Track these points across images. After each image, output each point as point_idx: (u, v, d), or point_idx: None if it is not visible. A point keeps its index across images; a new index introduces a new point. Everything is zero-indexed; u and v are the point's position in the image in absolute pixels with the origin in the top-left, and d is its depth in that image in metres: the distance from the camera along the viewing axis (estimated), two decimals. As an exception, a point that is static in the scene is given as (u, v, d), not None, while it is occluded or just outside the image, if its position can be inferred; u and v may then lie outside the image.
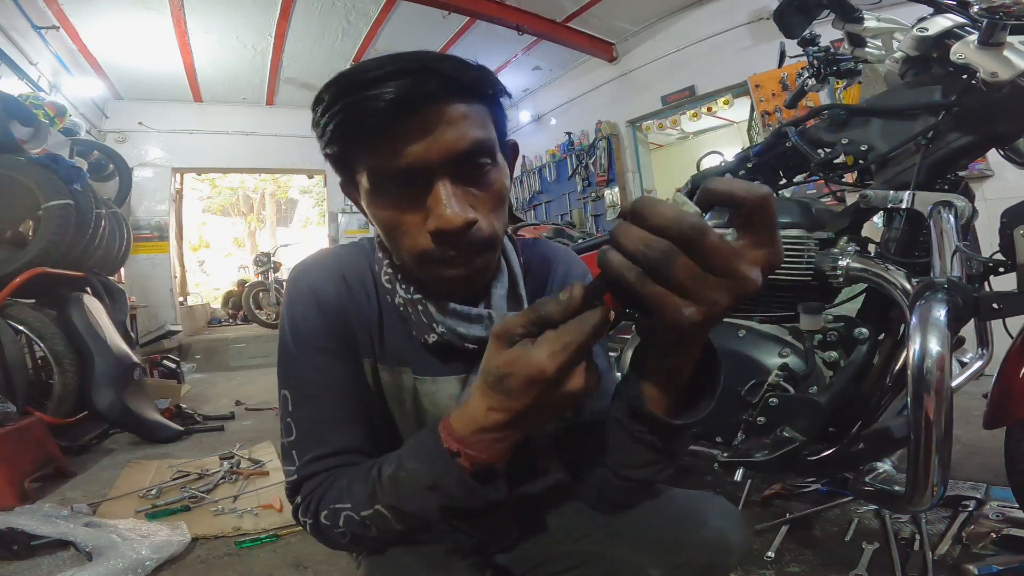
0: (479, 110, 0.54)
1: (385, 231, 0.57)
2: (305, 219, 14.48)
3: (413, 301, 0.63)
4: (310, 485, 0.59)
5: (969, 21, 1.03)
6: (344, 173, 0.59)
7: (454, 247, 0.54)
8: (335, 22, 4.80)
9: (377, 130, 0.50)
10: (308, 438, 0.61)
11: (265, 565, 1.48)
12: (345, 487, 0.56)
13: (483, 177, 0.55)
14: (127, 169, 4.53)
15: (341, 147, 0.54)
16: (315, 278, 0.65)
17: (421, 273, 0.59)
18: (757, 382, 1.20)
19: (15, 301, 2.69)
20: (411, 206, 0.54)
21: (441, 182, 0.52)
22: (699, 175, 1.55)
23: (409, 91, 0.49)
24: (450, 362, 0.66)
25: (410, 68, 0.50)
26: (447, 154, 0.51)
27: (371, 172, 0.53)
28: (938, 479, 0.85)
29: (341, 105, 0.51)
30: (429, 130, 0.50)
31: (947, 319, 0.87)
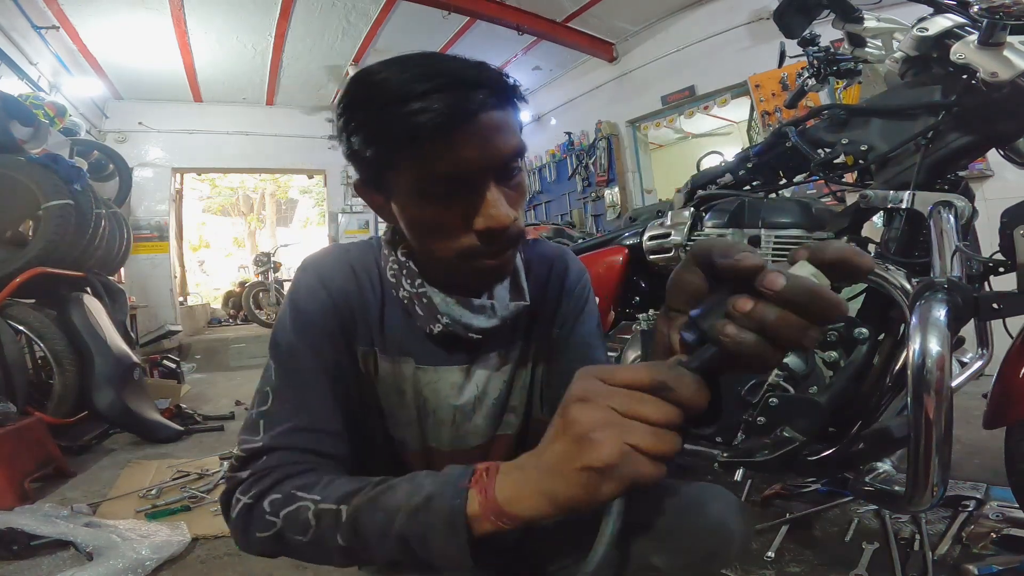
0: (514, 117, 0.57)
1: (423, 229, 0.59)
2: (305, 219, 14.48)
3: (418, 294, 0.65)
4: (276, 458, 0.57)
5: (969, 21, 1.03)
6: (370, 172, 0.59)
7: (499, 241, 0.57)
8: (335, 22, 4.81)
9: (426, 141, 0.52)
10: (286, 408, 0.60)
11: (265, 565, 1.48)
12: (325, 480, 0.54)
13: (515, 178, 0.58)
14: (127, 169, 4.53)
15: (384, 153, 0.55)
16: (323, 266, 0.67)
17: (452, 268, 0.61)
18: (757, 382, 1.20)
19: (15, 301, 2.68)
20: (454, 207, 0.56)
21: (488, 186, 0.55)
22: (699, 175, 1.56)
23: (459, 103, 0.51)
24: (453, 352, 0.68)
25: (457, 80, 0.52)
26: (497, 160, 0.55)
27: (419, 177, 0.55)
28: (938, 479, 0.85)
29: (388, 112, 0.52)
30: (479, 138, 0.53)
31: (947, 319, 0.87)
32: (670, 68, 4.92)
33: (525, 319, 0.72)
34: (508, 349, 0.72)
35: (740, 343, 0.35)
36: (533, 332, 0.74)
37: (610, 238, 1.70)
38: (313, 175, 8.31)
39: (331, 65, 5.61)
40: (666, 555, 0.62)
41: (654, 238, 1.48)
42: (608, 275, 1.56)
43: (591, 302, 0.77)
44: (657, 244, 1.47)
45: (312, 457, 0.58)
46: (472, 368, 0.70)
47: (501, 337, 0.70)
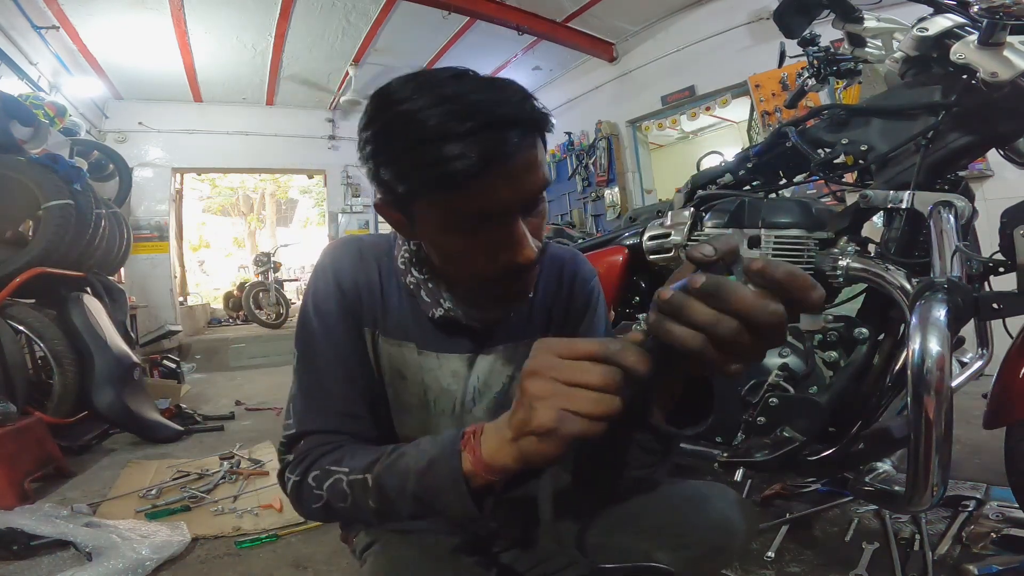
0: (542, 147, 0.57)
1: (448, 256, 0.61)
2: (305, 219, 14.49)
3: (424, 280, 0.68)
4: (310, 442, 0.63)
5: (969, 21, 1.03)
6: (396, 202, 0.59)
7: (522, 272, 0.59)
8: (335, 22, 4.80)
9: (462, 183, 0.51)
10: (311, 394, 0.66)
11: (265, 565, 1.48)
12: (350, 453, 0.60)
13: (539, 206, 0.59)
14: (127, 169, 4.53)
15: (411, 187, 0.55)
16: (336, 255, 0.70)
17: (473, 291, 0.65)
18: (757, 382, 1.20)
19: (15, 301, 2.68)
20: (482, 240, 0.57)
21: (517, 221, 0.56)
22: (699, 175, 1.56)
23: (495, 147, 0.51)
24: (455, 339, 0.70)
25: (492, 120, 0.51)
26: (528, 198, 0.56)
27: (449, 212, 0.55)
28: (938, 479, 0.85)
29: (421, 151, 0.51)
30: (515, 178, 0.54)
31: (947, 319, 0.87)
32: (670, 68, 4.92)
33: (538, 316, 0.74)
34: (516, 344, 0.73)
35: (657, 329, 0.39)
36: (545, 329, 0.75)
37: (610, 238, 1.70)
38: (313, 175, 8.31)
39: (331, 65, 5.62)
40: (669, 551, 0.63)
41: (654, 238, 1.48)
42: (608, 275, 1.56)
43: (600, 303, 0.79)
44: (657, 244, 1.47)
45: (335, 436, 0.63)
46: (475, 358, 0.71)
47: (510, 330, 0.72)
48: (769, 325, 0.37)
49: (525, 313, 0.72)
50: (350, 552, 0.81)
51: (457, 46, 5.25)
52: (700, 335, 0.38)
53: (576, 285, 0.76)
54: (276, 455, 0.71)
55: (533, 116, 0.54)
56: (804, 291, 0.37)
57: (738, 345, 0.38)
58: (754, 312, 0.37)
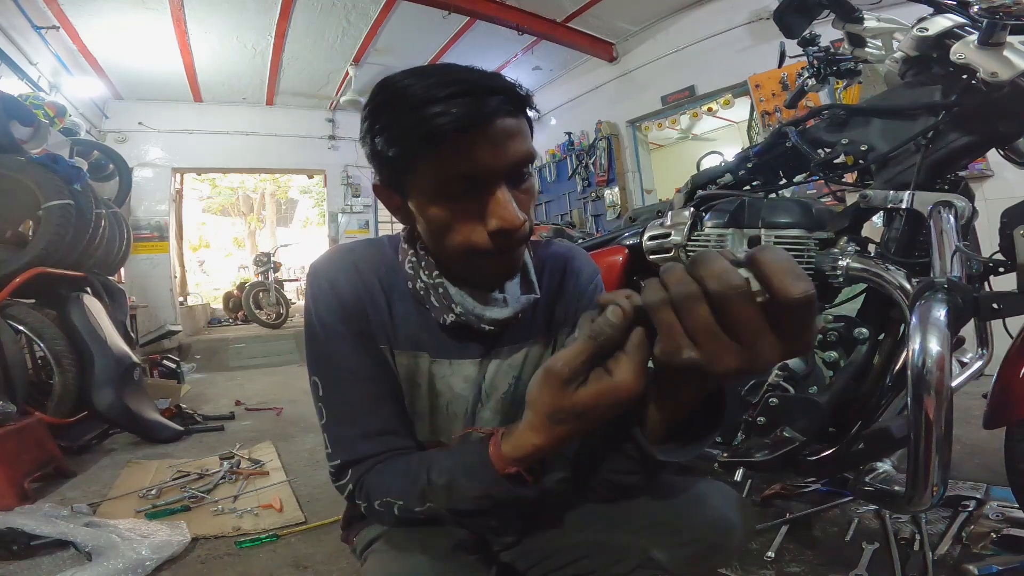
0: (526, 124, 0.61)
1: (437, 227, 0.62)
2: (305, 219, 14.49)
3: (434, 284, 0.68)
4: (358, 470, 0.65)
5: (969, 21, 1.03)
6: (391, 174, 0.63)
7: (509, 240, 0.60)
8: (335, 22, 4.80)
9: (444, 142, 0.56)
10: (340, 420, 0.67)
11: (265, 565, 1.48)
12: (391, 483, 0.63)
13: (525, 182, 0.62)
14: (127, 169, 4.52)
15: (406, 153, 0.59)
16: (332, 273, 0.69)
17: (465, 265, 0.65)
18: (757, 382, 1.20)
19: (15, 301, 2.68)
20: (468, 207, 0.60)
21: (501, 188, 0.59)
22: (699, 175, 1.56)
23: (476, 108, 0.55)
24: (466, 345, 0.71)
25: (474, 87, 0.56)
26: (509, 163, 0.58)
27: (437, 176, 0.58)
28: (938, 479, 0.85)
29: (412, 115, 0.56)
30: (495, 142, 0.57)
31: (947, 319, 0.87)
32: (670, 68, 4.92)
33: (541, 316, 0.75)
34: (522, 344, 0.74)
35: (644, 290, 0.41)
36: (548, 328, 0.76)
37: (610, 238, 1.70)
38: (313, 175, 8.31)
39: (331, 65, 5.62)
40: (667, 549, 0.63)
41: (654, 238, 1.48)
42: (608, 275, 1.56)
43: None
44: (657, 244, 1.47)
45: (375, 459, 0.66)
46: (486, 362, 0.72)
47: (516, 332, 0.73)
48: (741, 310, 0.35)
49: (530, 313, 0.73)
50: (350, 552, 0.81)
51: (457, 46, 5.25)
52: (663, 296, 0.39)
53: (580, 281, 0.78)
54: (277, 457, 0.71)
55: (514, 89, 0.59)
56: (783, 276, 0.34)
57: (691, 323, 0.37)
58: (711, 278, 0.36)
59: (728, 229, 1.31)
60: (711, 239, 1.34)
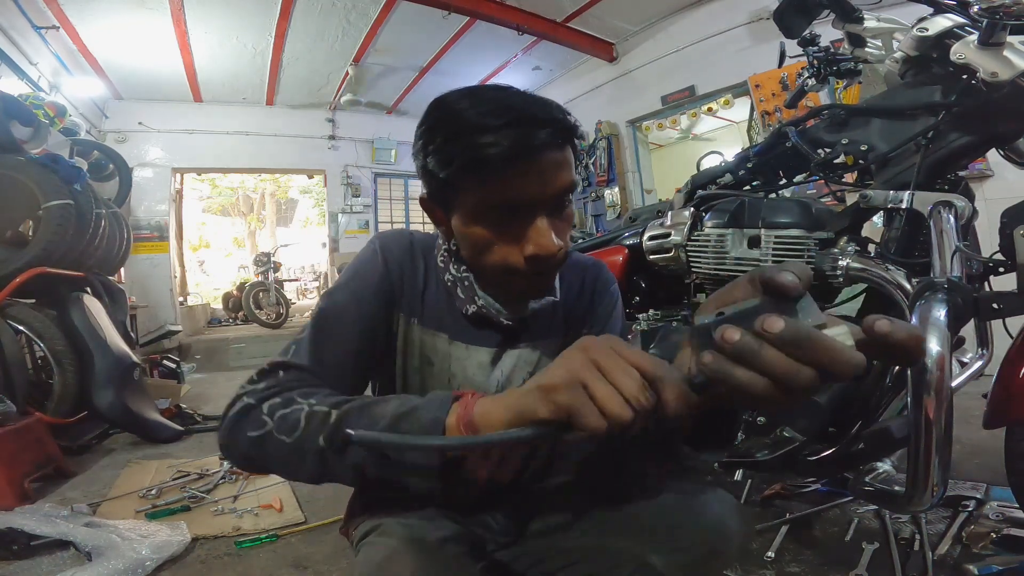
0: (570, 154, 0.63)
1: (476, 245, 0.65)
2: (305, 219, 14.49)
3: (461, 278, 0.72)
4: (292, 374, 0.63)
5: (969, 21, 1.03)
6: (438, 192, 0.66)
7: (542, 267, 0.63)
8: (335, 22, 4.80)
9: (495, 170, 0.58)
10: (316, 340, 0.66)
11: (265, 565, 1.48)
12: (329, 393, 0.60)
13: (565, 209, 0.65)
14: (127, 169, 4.52)
15: (455, 176, 0.61)
16: (387, 239, 0.75)
17: (498, 282, 0.69)
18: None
19: (15, 301, 2.68)
20: (509, 230, 0.63)
21: (542, 216, 0.61)
22: (699, 175, 1.56)
23: (526, 140, 0.57)
24: (484, 333, 0.74)
25: (525, 118, 0.58)
26: (552, 195, 0.61)
27: (482, 201, 0.61)
28: (938, 479, 0.85)
29: (463, 142, 0.58)
30: (542, 173, 0.59)
31: (947, 319, 0.87)
32: (670, 68, 4.92)
33: (559, 317, 0.79)
34: (539, 342, 0.77)
35: (717, 373, 0.36)
36: (565, 331, 0.79)
37: (610, 238, 1.70)
38: (313, 175, 8.31)
39: (331, 65, 5.62)
40: (664, 555, 0.62)
41: (654, 238, 1.48)
42: (608, 275, 1.56)
43: (619, 308, 0.84)
44: (657, 244, 1.47)
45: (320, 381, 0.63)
46: (501, 353, 0.75)
47: (534, 331, 0.76)
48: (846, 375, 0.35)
49: (548, 314, 0.76)
50: (348, 544, 0.81)
51: (457, 46, 5.25)
52: (769, 382, 0.35)
53: (597, 292, 0.82)
54: None
55: (563, 121, 0.61)
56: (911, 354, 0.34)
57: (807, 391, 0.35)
58: (837, 367, 0.34)
59: (728, 229, 1.31)
60: (711, 239, 1.34)
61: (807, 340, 0.34)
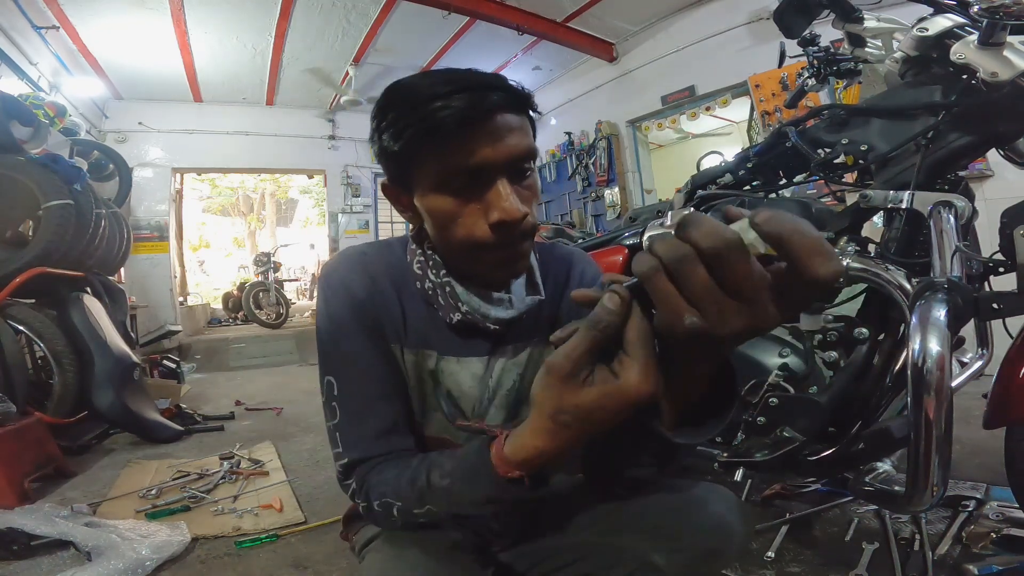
0: (526, 122, 0.63)
1: (441, 221, 0.63)
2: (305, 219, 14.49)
3: (442, 284, 0.69)
4: (362, 470, 0.65)
5: (969, 21, 1.03)
6: (398, 171, 0.65)
7: (510, 234, 0.61)
8: (335, 22, 4.80)
9: (447, 136, 0.58)
10: (352, 420, 0.67)
11: (265, 565, 1.48)
12: (393, 483, 0.62)
13: (528, 178, 0.64)
14: (127, 169, 4.52)
15: (412, 148, 0.61)
16: (344, 274, 0.71)
17: (469, 259, 0.66)
18: (757, 382, 1.20)
19: (15, 301, 2.68)
20: (471, 200, 0.61)
21: (501, 180, 0.60)
22: (699, 175, 1.56)
23: (477, 103, 0.57)
24: (473, 343, 0.72)
25: (475, 83, 0.59)
26: (509, 156, 0.60)
27: (439, 170, 0.60)
28: (938, 479, 0.85)
29: (417, 112, 0.58)
30: (495, 136, 0.59)
31: (947, 319, 0.87)
32: (670, 68, 4.92)
33: (545, 316, 0.76)
34: (526, 343, 0.75)
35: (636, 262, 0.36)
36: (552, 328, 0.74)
37: (610, 238, 1.70)
38: (313, 175, 8.31)
39: (331, 65, 5.62)
40: (666, 553, 0.63)
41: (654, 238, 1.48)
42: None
43: None
44: (657, 244, 1.47)
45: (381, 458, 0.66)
46: (493, 360, 0.73)
47: (520, 331, 0.74)
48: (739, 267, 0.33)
49: (535, 313, 0.74)
50: (349, 549, 0.81)
51: (457, 46, 5.25)
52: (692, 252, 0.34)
53: (584, 283, 0.79)
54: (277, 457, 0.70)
55: (514, 88, 0.61)
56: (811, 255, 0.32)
57: (690, 287, 0.34)
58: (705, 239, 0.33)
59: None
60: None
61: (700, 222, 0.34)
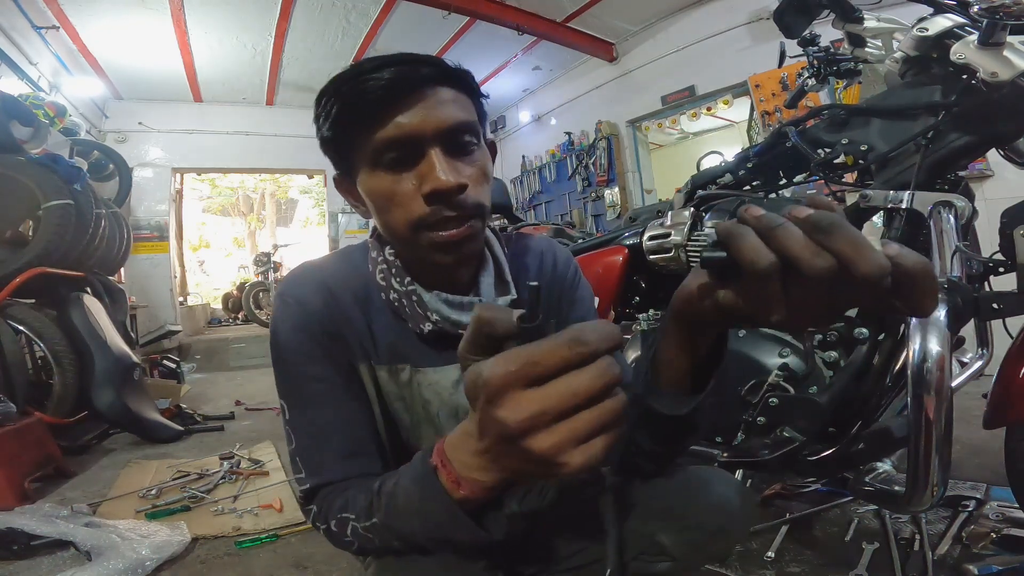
0: (465, 99, 0.61)
1: (380, 203, 0.61)
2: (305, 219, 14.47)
3: (407, 292, 0.66)
4: (323, 493, 0.62)
5: (969, 21, 1.03)
6: (340, 159, 0.64)
7: (448, 208, 0.58)
8: (335, 22, 4.80)
9: (376, 108, 0.56)
10: (309, 444, 0.63)
11: (265, 565, 1.48)
12: (351, 496, 0.58)
13: (470, 154, 0.61)
14: (127, 169, 4.53)
15: (341, 129, 0.59)
16: (300, 291, 0.66)
17: (412, 246, 0.62)
18: (757, 382, 1.20)
19: (15, 301, 2.69)
20: (405, 176, 0.59)
21: (433, 150, 0.58)
22: (699, 175, 1.55)
23: (405, 74, 0.56)
24: (446, 351, 0.67)
25: (404, 59, 0.57)
26: (438, 126, 0.57)
27: (369, 146, 0.58)
28: (938, 479, 0.85)
29: (345, 88, 0.57)
30: (423, 106, 0.57)
31: (947, 319, 0.87)
32: (670, 68, 4.92)
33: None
34: None
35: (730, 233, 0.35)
36: None
37: (610, 238, 1.70)
38: (313, 175, 8.31)
39: (331, 65, 5.62)
40: (673, 533, 0.63)
41: (654, 238, 1.48)
42: (608, 275, 1.56)
43: (582, 286, 0.78)
44: (657, 244, 1.47)
45: (344, 482, 0.61)
46: None
47: None
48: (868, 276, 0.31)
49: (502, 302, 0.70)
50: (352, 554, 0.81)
51: (457, 46, 5.25)
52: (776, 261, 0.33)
53: (557, 272, 0.77)
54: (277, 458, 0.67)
55: (447, 64, 0.59)
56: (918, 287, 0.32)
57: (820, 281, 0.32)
58: (861, 264, 0.31)
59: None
60: (711, 239, 1.34)
61: (835, 226, 0.32)
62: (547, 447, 0.33)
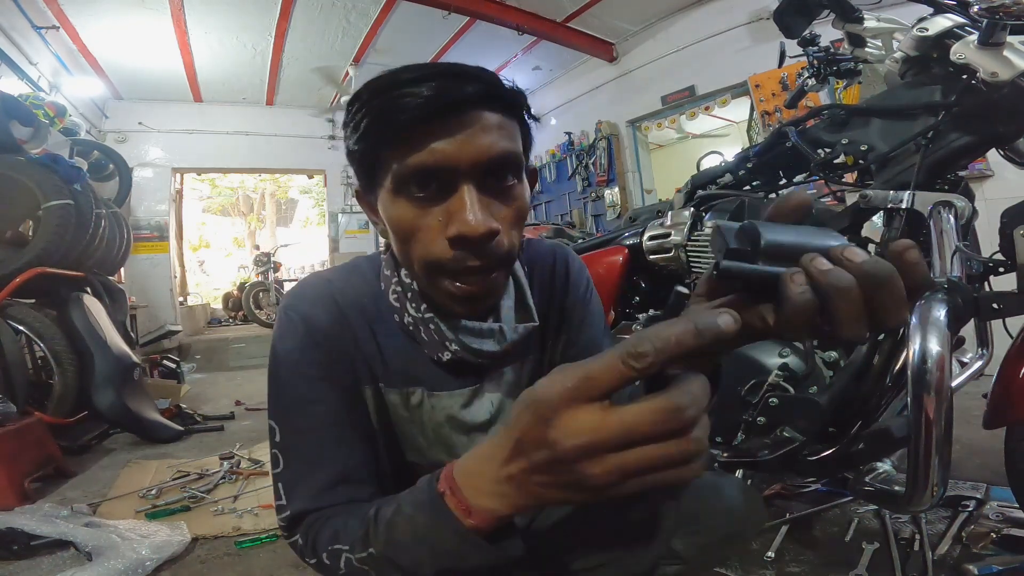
0: (511, 125, 0.54)
1: (401, 235, 0.55)
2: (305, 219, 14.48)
3: (424, 319, 0.61)
4: (309, 521, 0.56)
5: (969, 21, 1.03)
6: (366, 175, 0.57)
7: (474, 256, 0.52)
8: (335, 22, 4.80)
9: (409, 126, 0.49)
10: (299, 469, 0.58)
11: (265, 565, 1.48)
12: (342, 525, 0.52)
13: (508, 192, 0.53)
14: (127, 169, 4.53)
15: (370, 144, 0.52)
16: (306, 307, 0.61)
17: (429, 285, 0.56)
18: (757, 382, 1.20)
19: (15, 301, 2.68)
20: (431, 210, 0.52)
21: (467, 186, 0.50)
22: (699, 175, 1.56)
23: (446, 91, 0.48)
24: (462, 376, 0.65)
25: (449, 72, 0.50)
26: (477, 158, 0.50)
27: (396, 169, 0.51)
28: (938, 479, 0.85)
29: (377, 101, 0.50)
30: (462, 131, 0.49)
31: (947, 319, 0.87)
32: (670, 68, 4.92)
33: (535, 333, 0.69)
34: (522, 365, 0.69)
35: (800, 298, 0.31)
36: (543, 342, 0.71)
37: (610, 238, 1.70)
38: (313, 175, 8.30)
39: (331, 65, 5.62)
40: (685, 537, 0.63)
41: (654, 238, 1.48)
42: (608, 275, 1.56)
43: (594, 301, 0.75)
44: (657, 244, 1.47)
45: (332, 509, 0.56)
46: (482, 386, 0.67)
47: (513, 355, 0.67)
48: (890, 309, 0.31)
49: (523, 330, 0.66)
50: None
51: (457, 46, 5.25)
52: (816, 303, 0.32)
53: (570, 285, 0.73)
54: None
55: (499, 82, 0.52)
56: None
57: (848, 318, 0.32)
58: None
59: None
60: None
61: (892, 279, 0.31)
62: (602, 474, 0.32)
